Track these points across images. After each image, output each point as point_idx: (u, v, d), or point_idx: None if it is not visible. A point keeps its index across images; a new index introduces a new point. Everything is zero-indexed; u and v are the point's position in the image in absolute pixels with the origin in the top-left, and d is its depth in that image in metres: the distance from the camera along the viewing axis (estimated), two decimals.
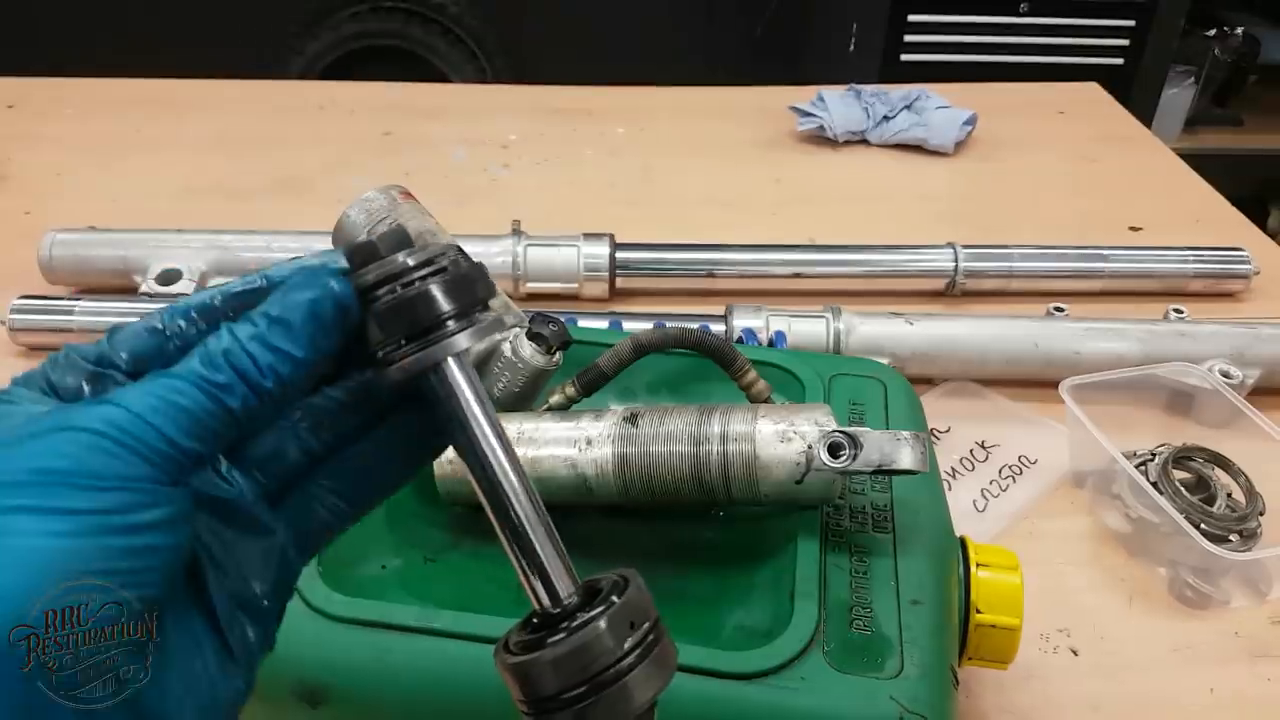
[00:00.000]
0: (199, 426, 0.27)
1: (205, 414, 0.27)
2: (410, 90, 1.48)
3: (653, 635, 0.31)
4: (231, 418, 0.28)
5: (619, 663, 0.30)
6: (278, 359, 0.28)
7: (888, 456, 0.48)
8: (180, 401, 0.27)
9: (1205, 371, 0.81)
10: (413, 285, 0.30)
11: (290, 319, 0.29)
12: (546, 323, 0.58)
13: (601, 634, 0.30)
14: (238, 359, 0.28)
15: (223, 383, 0.28)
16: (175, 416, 0.27)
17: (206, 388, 0.27)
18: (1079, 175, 1.27)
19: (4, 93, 1.38)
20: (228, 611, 0.29)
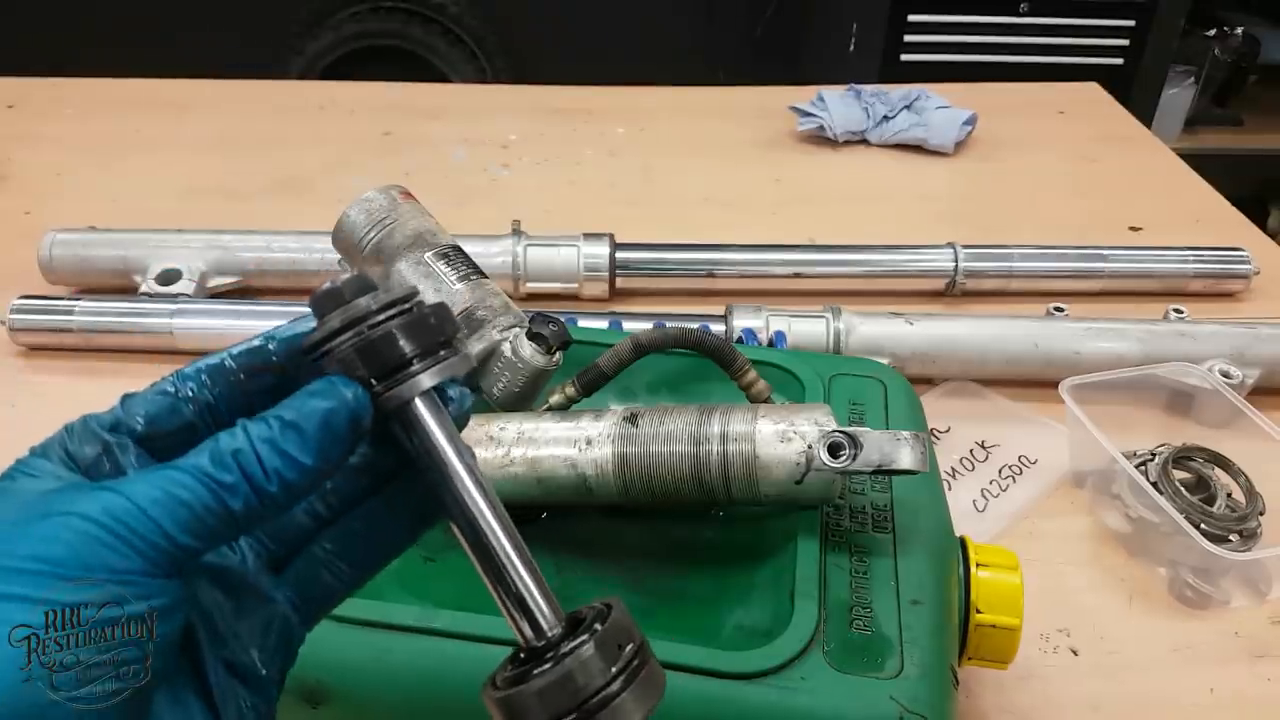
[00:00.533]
0: (198, 524, 0.27)
1: (206, 512, 0.27)
2: (410, 90, 1.48)
3: (638, 659, 0.31)
4: (231, 518, 0.28)
5: (606, 687, 0.30)
6: (285, 464, 0.28)
7: (888, 456, 0.48)
8: (182, 496, 0.27)
9: (1205, 371, 0.81)
10: (376, 327, 0.31)
11: (303, 426, 0.29)
12: (546, 323, 0.58)
13: (587, 661, 0.30)
14: (246, 460, 0.28)
15: (228, 483, 0.28)
16: (175, 511, 0.27)
17: (211, 485, 0.27)
18: (1079, 175, 1.27)
19: (4, 93, 1.38)
20: (222, 684, 0.30)
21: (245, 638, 0.31)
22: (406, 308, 0.31)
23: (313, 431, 0.29)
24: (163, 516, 0.26)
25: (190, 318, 0.88)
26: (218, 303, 0.93)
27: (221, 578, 0.31)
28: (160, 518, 0.26)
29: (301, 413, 0.29)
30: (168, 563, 0.27)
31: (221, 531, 0.28)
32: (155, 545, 0.26)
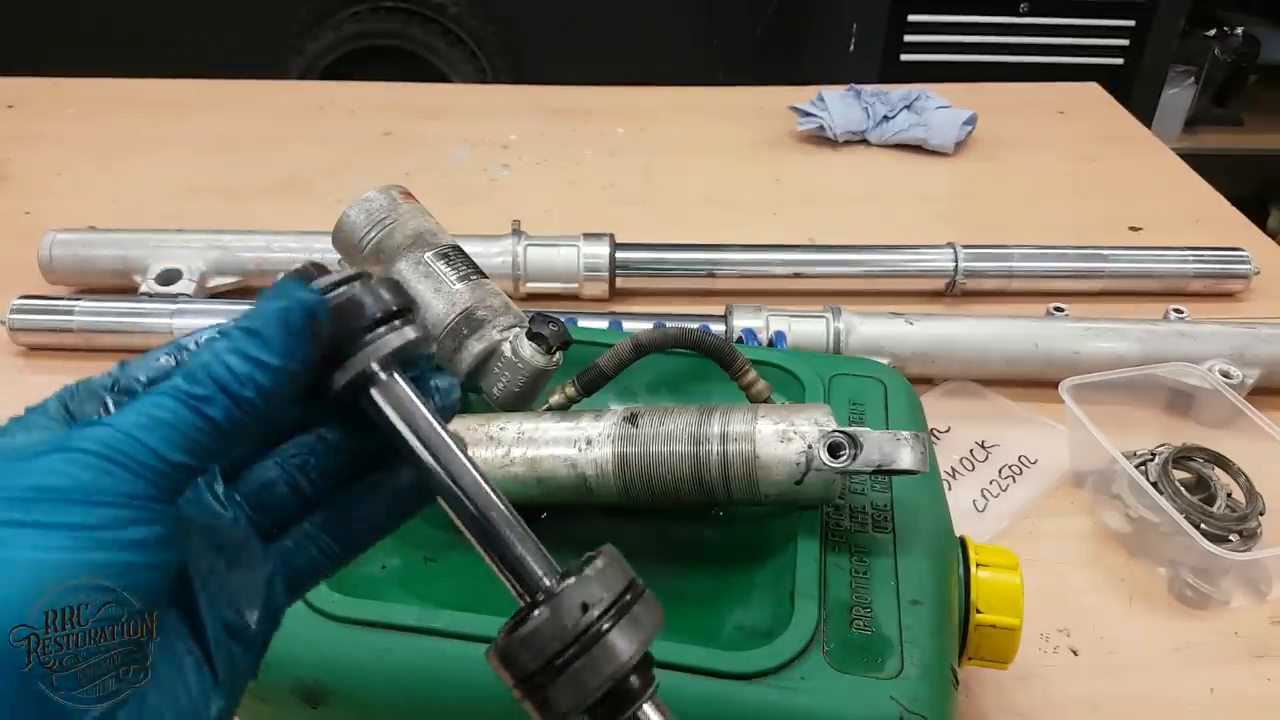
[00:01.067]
0: (185, 439, 0.28)
1: (190, 427, 0.28)
2: (410, 90, 1.48)
3: (630, 595, 0.32)
4: (216, 429, 0.28)
5: (599, 620, 0.31)
6: (254, 367, 0.29)
7: (888, 456, 0.48)
8: (165, 417, 0.28)
9: (1205, 371, 0.81)
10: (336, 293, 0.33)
11: (262, 329, 0.29)
12: (546, 323, 0.58)
13: (575, 598, 0.31)
14: (216, 371, 0.29)
15: (203, 394, 0.28)
16: (162, 431, 0.27)
17: (188, 401, 0.28)
18: (1079, 175, 1.27)
19: (4, 93, 1.38)
20: (217, 634, 0.30)
21: (238, 595, 0.31)
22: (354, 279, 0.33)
23: (273, 332, 0.29)
24: (150, 438, 0.27)
25: (190, 318, 0.88)
26: (218, 303, 0.93)
27: (216, 536, 0.32)
28: (149, 439, 0.27)
29: (257, 316, 0.30)
30: (165, 483, 0.27)
31: (209, 444, 0.28)
32: (150, 466, 0.27)
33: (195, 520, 0.31)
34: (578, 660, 0.31)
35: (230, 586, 0.31)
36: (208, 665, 0.29)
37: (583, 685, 0.31)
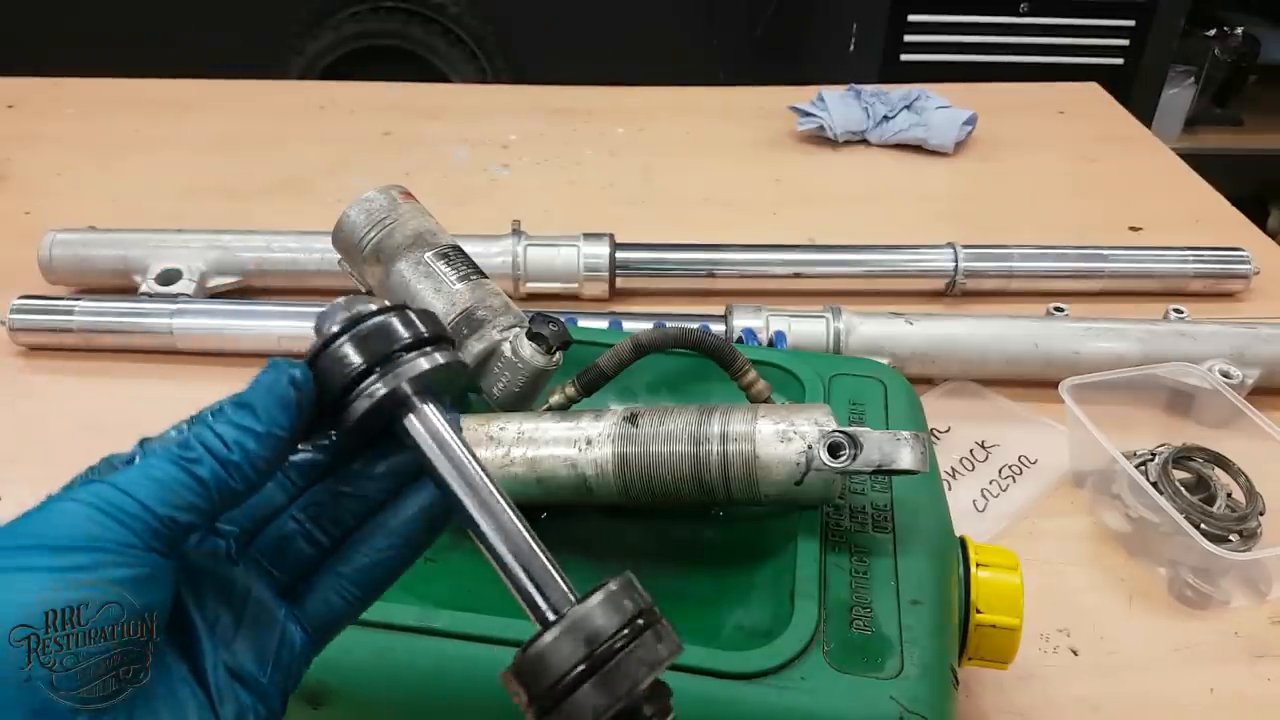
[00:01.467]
0: (173, 495, 0.30)
1: (178, 484, 0.30)
2: (410, 90, 1.48)
3: (644, 620, 0.32)
4: (204, 487, 0.31)
5: (617, 634, 0.31)
6: (240, 434, 0.32)
7: (888, 456, 0.48)
8: (157, 475, 0.30)
9: (1205, 371, 0.81)
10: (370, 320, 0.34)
11: (250, 400, 0.33)
12: (546, 323, 0.58)
13: (589, 621, 0.31)
14: (206, 437, 0.32)
15: (192, 457, 0.31)
16: (151, 488, 0.30)
17: (179, 461, 0.31)
18: (1079, 175, 1.27)
19: (4, 93, 1.38)
20: (221, 684, 0.32)
21: (246, 649, 0.33)
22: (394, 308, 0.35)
23: (259, 400, 0.33)
24: (141, 492, 0.30)
25: (190, 318, 0.88)
26: (218, 303, 0.93)
27: (225, 590, 0.33)
28: (139, 494, 0.29)
29: (250, 390, 0.33)
30: (151, 534, 0.29)
31: (197, 502, 0.30)
32: (137, 517, 0.29)
33: (205, 573, 0.33)
34: (587, 682, 0.30)
35: (239, 639, 0.33)
36: (210, 709, 0.31)
37: (591, 709, 0.30)
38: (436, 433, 0.35)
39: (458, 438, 0.35)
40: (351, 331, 0.34)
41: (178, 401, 0.37)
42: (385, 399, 0.34)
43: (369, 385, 0.34)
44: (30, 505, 0.30)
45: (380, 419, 0.34)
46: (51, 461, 0.78)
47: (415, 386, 0.34)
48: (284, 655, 0.34)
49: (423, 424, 0.35)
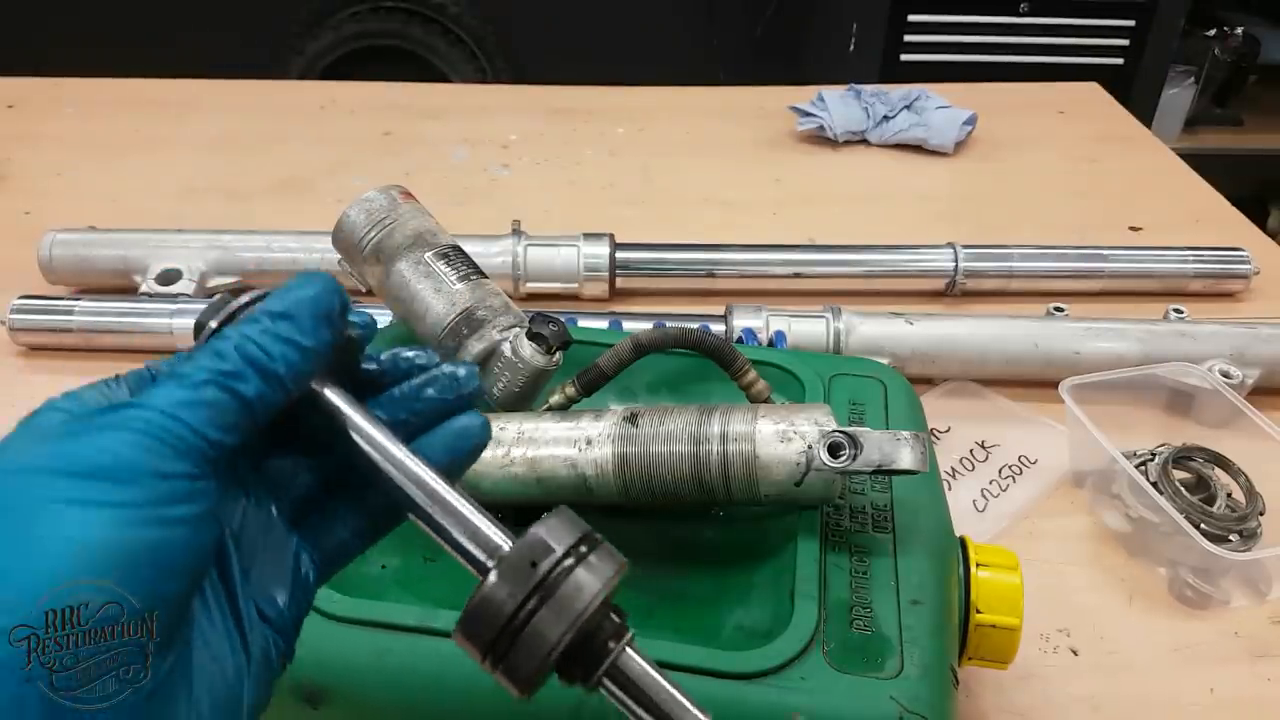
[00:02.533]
0: (220, 416, 0.28)
1: (224, 405, 0.29)
2: (410, 90, 1.48)
3: (585, 545, 0.32)
4: (247, 406, 0.29)
5: (550, 573, 0.30)
6: (285, 347, 0.30)
7: (888, 456, 0.48)
8: (202, 396, 0.28)
9: (1205, 371, 0.81)
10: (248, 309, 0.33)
11: (291, 310, 0.31)
12: (546, 323, 0.58)
13: (524, 556, 0.31)
14: (248, 350, 0.30)
15: (232, 370, 0.29)
16: (198, 410, 0.28)
17: (220, 379, 0.29)
18: (1079, 175, 1.27)
19: (4, 93, 1.38)
20: (252, 617, 0.30)
21: (269, 578, 0.32)
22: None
23: (305, 315, 0.31)
24: (189, 416, 0.28)
25: (190, 318, 0.88)
26: None
27: (246, 516, 0.32)
28: (193, 420, 0.28)
29: (291, 301, 0.31)
30: (205, 462, 0.28)
31: (243, 423, 0.29)
32: (190, 445, 0.28)
33: (232, 496, 0.32)
34: (535, 617, 0.30)
35: (258, 567, 0.32)
36: (243, 649, 0.30)
37: (543, 641, 0.30)
38: (349, 405, 0.34)
39: (366, 411, 0.34)
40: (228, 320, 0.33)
41: None
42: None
43: None
44: None
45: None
46: None
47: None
48: (297, 586, 0.32)
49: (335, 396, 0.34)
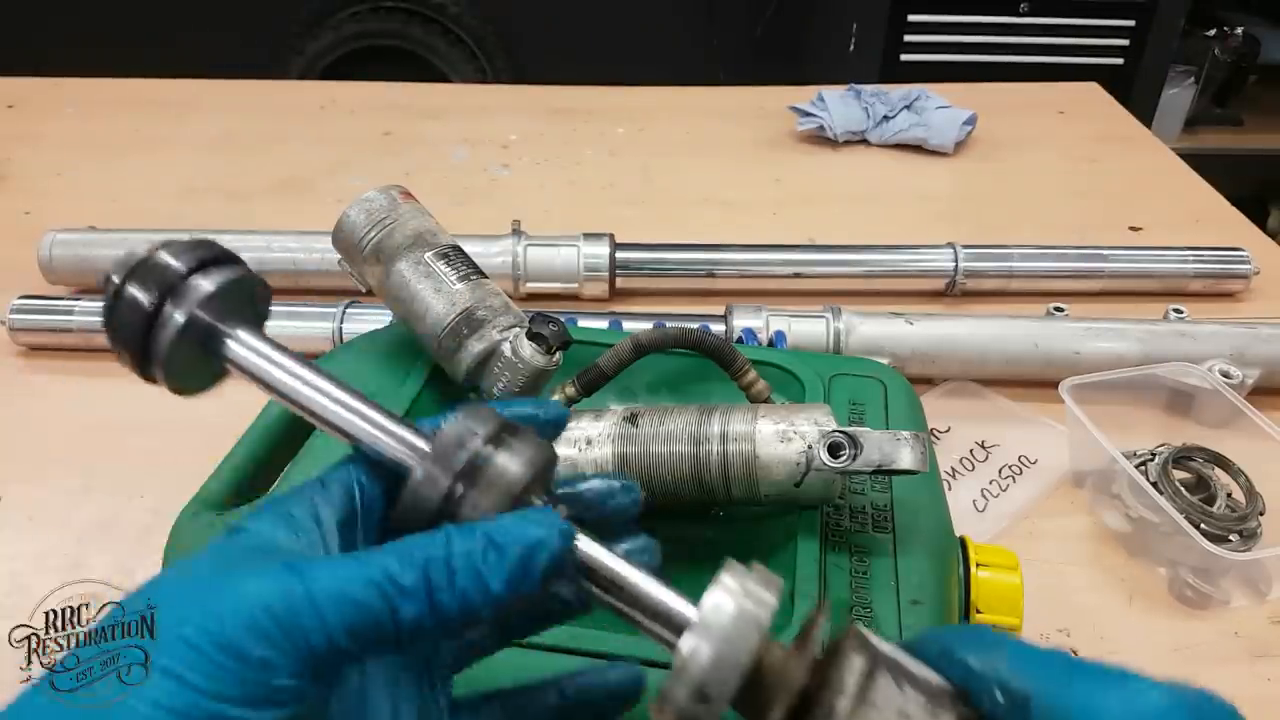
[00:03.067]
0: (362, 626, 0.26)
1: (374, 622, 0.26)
2: (410, 90, 1.48)
3: (506, 430, 0.32)
4: (397, 627, 0.27)
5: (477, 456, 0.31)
6: (474, 585, 0.27)
7: (888, 456, 0.48)
8: (357, 596, 0.26)
9: (1205, 371, 0.81)
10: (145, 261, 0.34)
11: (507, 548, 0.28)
12: (546, 323, 0.58)
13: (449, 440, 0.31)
14: (436, 569, 0.27)
15: (407, 587, 0.27)
16: (344, 609, 0.26)
17: (388, 589, 0.27)
18: (1079, 175, 1.27)
19: (4, 93, 1.38)
20: None
21: None
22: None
23: (514, 558, 0.28)
24: (330, 611, 0.26)
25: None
26: None
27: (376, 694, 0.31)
28: (328, 612, 0.26)
29: (510, 534, 0.28)
30: (315, 664, 0.26)
31: (382, 641, 0.27)
32: (311, 646, 0.26)
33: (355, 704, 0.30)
34: (464, 499, 0.30)
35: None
36: None
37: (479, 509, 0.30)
38: (256, 348, 0.35)
39: (275, 347, 0.35)
40: (131, 275, 0.34)
41: (177, 402, 0.37)
42: (188, 324, 0.34)
43: (166, 317, 0.34)
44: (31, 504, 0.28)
45: (192, 350, 0.34)
46: (51, 461, 0.78)
47: (212, 310, 0.34)
48: None
49: (241, 345, 0.35)
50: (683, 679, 0.29)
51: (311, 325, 0.87)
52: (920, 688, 0.30)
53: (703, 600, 0.30)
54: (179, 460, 0.60)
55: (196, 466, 0.57)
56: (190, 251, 0.35)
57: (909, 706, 0.30)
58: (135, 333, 0.34)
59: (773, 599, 0.31)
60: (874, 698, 0.29)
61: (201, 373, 0.36)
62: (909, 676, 0.30)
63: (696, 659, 0.29)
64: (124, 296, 0.33)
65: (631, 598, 0.32)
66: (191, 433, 0.61)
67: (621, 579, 0.32)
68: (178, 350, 0.34)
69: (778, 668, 0.30)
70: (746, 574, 0.32)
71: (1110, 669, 0.28)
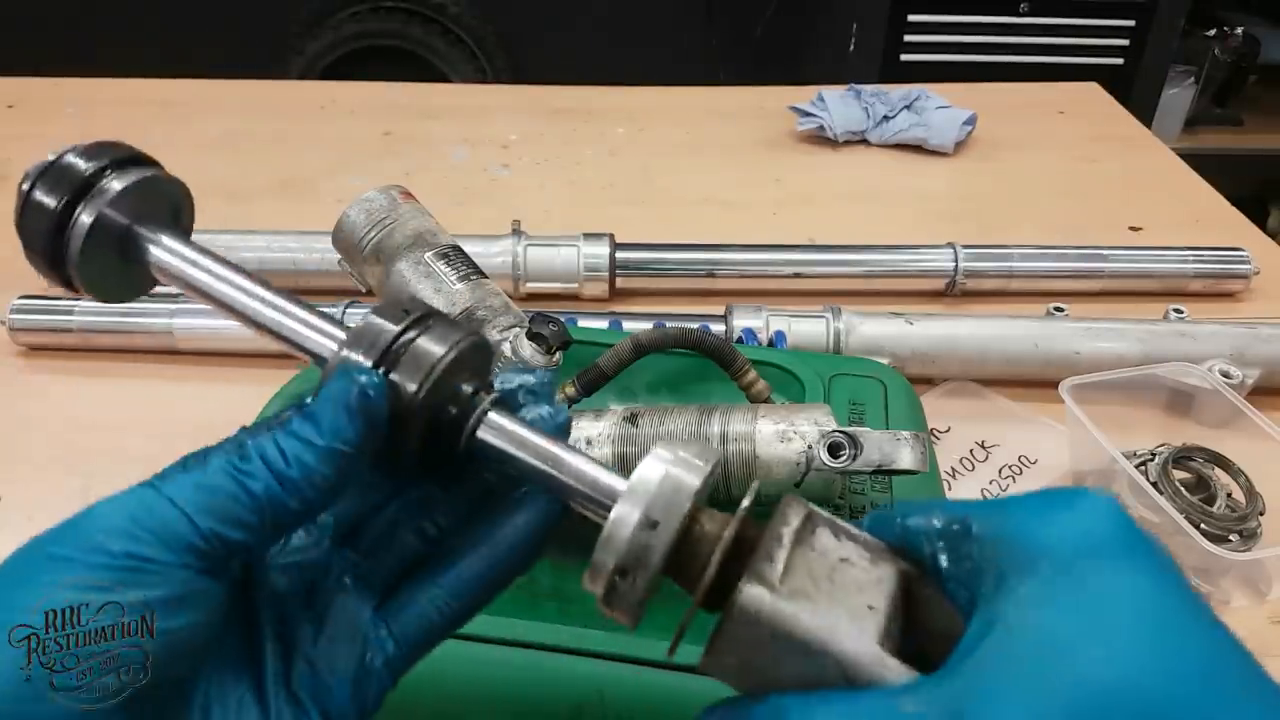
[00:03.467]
0: (220, 508, 0.28)
1: (227, 496, 0.28)
2: (410, 90, 1.48)
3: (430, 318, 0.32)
4: (255, 503, 0.29)
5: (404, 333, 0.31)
6: (301, 447, 0.29)
7: (888, 456, 0.48)
8: (207, 482, 0.28)
9: (1205, 371, 0.81)
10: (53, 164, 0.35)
11: (315, 410, 0.30)
12: (546, 323, 0.58)
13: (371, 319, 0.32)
14: (264, 447, 0.29)
15: (247, 469, 0.29)
16: (197, 496, 0.28)
17: (234, 472, 0.29)
18: (1079, 175, 1.27)
19: (4, 93, 1.38)
20: (281, 702, 0.30)
21: (325, 661, 0.31)
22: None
23: (323, 411, 0.30)
24: (188, 503, 0.28)
25: (190, 318, 0.88)
26: None
27: (307, 595, 0.32)
28: (186, 505, 0.28)
29: (316, 399, 0.30)
30: (194, 553, 0.28)
31: (247, 519, 0.28)
32: (178, 534, 0.27)
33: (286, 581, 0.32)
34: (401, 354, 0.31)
35: (318, 651, 0.31)
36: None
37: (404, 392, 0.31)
38: (180, 252, 0.35)
39: (199, 250, 0.35)
40: (39, 180, 0.34)
41: (177, 402, 0.37)
42: (96, 224, 0.33)
43: (75, 218, 0.33)
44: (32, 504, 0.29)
45: (107, 253, 0.34)
46: (51, 461, 0.78)
47: (124, 210, 0.34)
48: (368, 671, 0.32)
49: (163, 250, 0.35)
50: (609, 546, 0.29)
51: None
52: (859, 541, 0.31)
53: (634, 473, 0.31)
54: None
55: None
56: (100, 152, 0.34)
57: (849, 553, 0.30)
58: (45, 237, 0.34)
59: (704, 465, 0.31)
60: (813, 543, 0.30)
61: (124, 280, 0.35)
62: (847, 533, 0.31)
63: (621, 523, 0.29)
64: (31, 201, 0.33)
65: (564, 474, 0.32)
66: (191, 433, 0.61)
67: (549, 454, 0.32)
68: (92, 253, 0.33)
69: (711, 529, 0.31)
70: (680, 445, 0.32)
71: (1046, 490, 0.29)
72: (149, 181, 0.34)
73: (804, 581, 0.29)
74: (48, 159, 0.33)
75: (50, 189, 0.33)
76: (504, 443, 0.32)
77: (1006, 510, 0.30)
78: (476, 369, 0.34)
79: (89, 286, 0.34)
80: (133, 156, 0.35)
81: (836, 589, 0.29)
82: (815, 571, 0.30)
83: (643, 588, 0.30)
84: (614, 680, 0.43)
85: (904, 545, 0.31)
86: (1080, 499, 0.29)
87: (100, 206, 0.33)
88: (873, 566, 0.30)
